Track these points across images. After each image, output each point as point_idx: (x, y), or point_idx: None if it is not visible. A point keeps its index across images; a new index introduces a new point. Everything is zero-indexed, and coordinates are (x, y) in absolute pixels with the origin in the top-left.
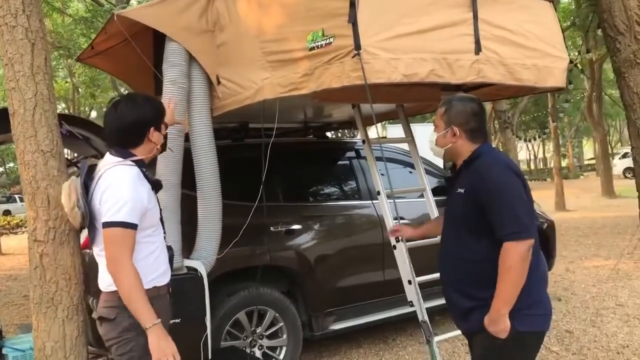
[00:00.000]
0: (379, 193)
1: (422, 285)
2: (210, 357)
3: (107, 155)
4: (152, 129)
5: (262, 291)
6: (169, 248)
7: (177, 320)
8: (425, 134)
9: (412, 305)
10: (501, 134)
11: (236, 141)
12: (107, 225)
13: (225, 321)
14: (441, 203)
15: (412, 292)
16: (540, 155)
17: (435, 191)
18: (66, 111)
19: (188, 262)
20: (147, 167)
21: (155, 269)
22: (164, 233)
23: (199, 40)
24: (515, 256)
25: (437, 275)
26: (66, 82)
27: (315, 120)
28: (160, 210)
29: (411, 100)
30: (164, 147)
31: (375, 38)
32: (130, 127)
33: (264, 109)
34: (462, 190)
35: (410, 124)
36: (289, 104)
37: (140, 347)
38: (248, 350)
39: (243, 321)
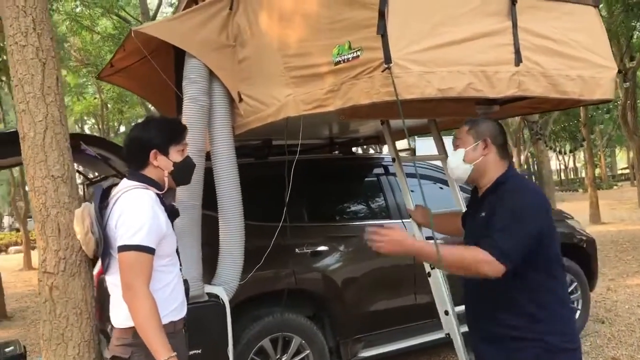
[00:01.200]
0: (410, 214)
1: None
2: None
3: (124, 180)
4: (154, 151)
5: (287, 316)
6: (185, 281)
7: (197, 351)
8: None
9: (448, 337)
10: (533, 145)
11: (259, 159)
12: (122, 249)
13: (249, 349)
14: None
15: (449, 324)
16: (571, 164)
17: None
18: (96, 127)
19: (209, 289)
20: (165, 195)
21: (171, 302)
22: (180, 264)
23: (219, 55)
24: (478, 260)
25: None
26: (95, 98)
27: (341, 136)
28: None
29: (444, 114)
30: (182, 179)
31: (406, 50)
32: (132, 145)
33: (287, 126)
34: (485, 214)
35: (444, 137)
36: (313, 119)
37: None
38: None
39: (268, 349)
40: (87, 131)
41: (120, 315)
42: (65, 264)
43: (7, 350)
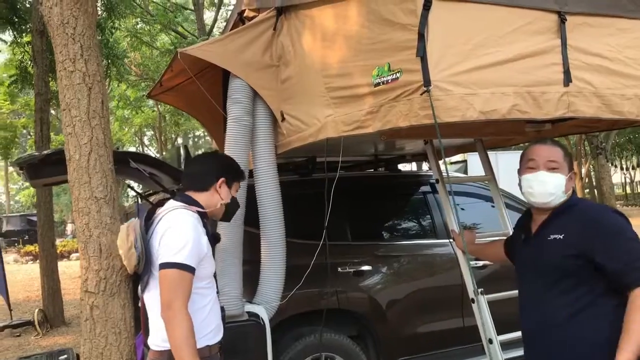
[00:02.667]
0: (454, 239)
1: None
2: None
3: (170, 201)
4: (222, 179)
5: (329, 336)
6: (222, 308)
7: None
8: (510, 162)
9: None
10: (593, 160)
11: (303, 176)
12: (163, 266)
13: None
14: None
15: (494, 353)
16: (638, 177)
17: None
18: (154, 138)
19: (249, 307)
20: (208, 221)
21: (207, 326)
22: (217, 290)
23: (263, 75)
24: None
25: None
26: (153, 111)
27: (387, 153)
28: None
29: (491, 134)
30: (229, 215)
31: (447, 72)
32: (203, 168)
33: (330, 143)
34: (561, 236)
35: (494, 151)
36: (357, 137)
37: None
38: None
39: None
40: (146, 142)
41: (156, 337)
42: (106, 283)
43: (60, 358)
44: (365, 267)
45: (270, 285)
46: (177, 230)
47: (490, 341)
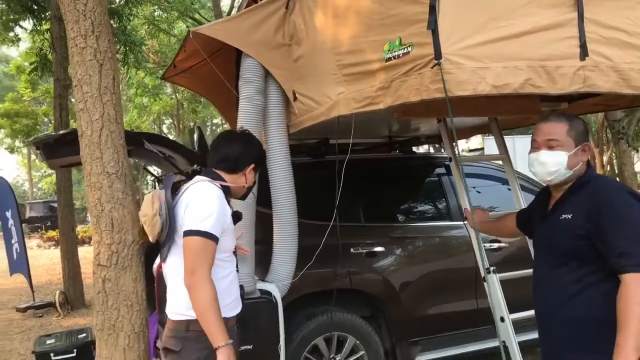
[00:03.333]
0: (466, 218)
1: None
2: None
3: (196, 177)
4: (253, 165)
5: (342, 316)
6: (242, 287)
7: (248, 347)
8: (528, 146)
9: (505, 347)
10: (614, 146)
11: (316, 158)
12: (188, 233)
13: (303, 347)
14: None
15: (505, 331)
16: None
17: None
18: (173, 126)
19: (261, 285)
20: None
21: (225, 298)
22: (237, 266)
23: (275, 54)
24: None
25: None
26: (171, 98)
27: (401, 135)
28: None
29: (506, 113)
30: (245, 196)
31: (458, 45)
32: (237, 153)
33: (341, 124)
34: (570, 216)
35: (511, 136)
36: (370, 117)
37: None
38: None
39: (321, 347)
40: (165, 130)
41: (175, 306)
42: (118, 257)
43: (79, 336)
44: (378, 249)
45: (282, 265)
46: (203, 200)
47: (502, 319)
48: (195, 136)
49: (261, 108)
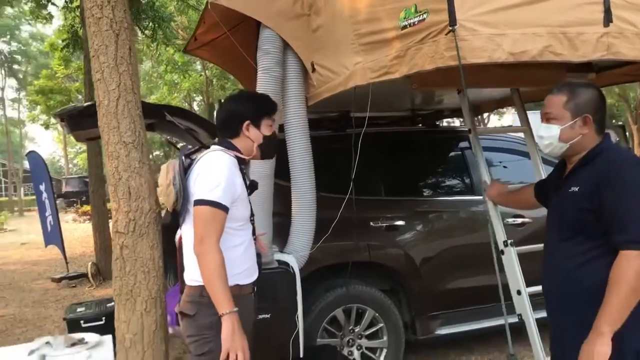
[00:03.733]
0: (484, 189)
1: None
2: (302, 355)
3: (212, 146)
4: (247, 122)
5: (361, 289)
6: (259, 255)
7: (266, 316)
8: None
9: (520, 319)
10: None
11: (337, 131)
12: (198, 202)
13: (322, 318)
14: None
15: (521, 304)
16: None
17: None
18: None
19: (279, 256)
20: (247, 167)
21: (238, 266)
22: (254, 235)
23: (294, 25)
24: (635, 267)
25: None
26: (200, 75)
27: (425, 108)
28: (252, 212)
29: (529, 84)
30: (268, 153)
31: (474, 11)
32: (227, 116)
33: (361, 96)
34: (577, 189)
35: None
36: (392, 90)
37: (220, 348)
38: (345, 350)
39: (340, 319)
40: (195, 107)
41: (190, 273)
42: (135, 224)
43: (108, 305)
44: (399, 222)
45: (301, 236)
46: (212, 170)
47: (519, 292)
48: (216, 109)
49: (279, 80)
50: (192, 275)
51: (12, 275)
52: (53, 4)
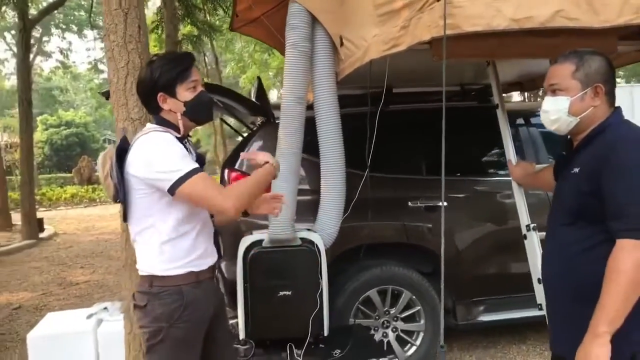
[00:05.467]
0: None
1: None
2: (326, 334)
3: (147, 124)
4: (161, 94)
5: (396, 270)
6: (216, 232)
7: (287, 292)
8: None
9: (541, 309)
10: None
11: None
12: (174, 188)
13: (355, 298)
14: None
15: (541, 294)
16: None
17: None
18: None
19: (305, 234)
20: (189, 141)
21: (191, 252)
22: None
23: None
24: (633, 259)
25: None
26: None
27: (476, 83)
28: None
29: None
30: (199, 116)
31: None
32: (140, 91)
33: (401, 72)
34: (578, 170)
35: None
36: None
37: (172, 340)
38: (380, 332)
39: (375, 300)
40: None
41: (140, 263)
42: None
43: None
44: (438, 203)
45: (329, 215)
46: (158, 152)
47: (539, 281)
48: (254, 87)
49: (308, 55)
50: (141, 266)
51: (104, 245)
52: None
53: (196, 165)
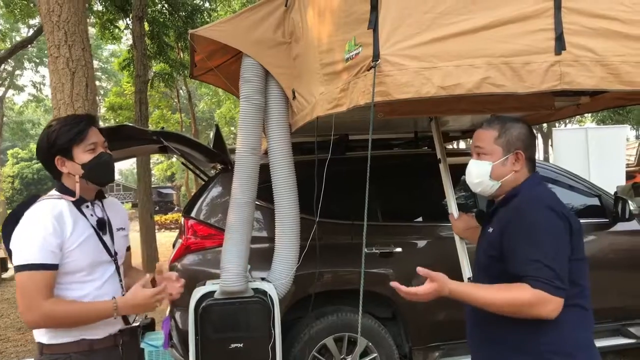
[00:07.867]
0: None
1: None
2: None
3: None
4: (58, 158)
5: (352, 317)
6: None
7: (239, 345)
8: (565, 139)
9: None
10: None
11: (335, 155)
12: (15, 269)
13: (311, 346)
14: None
15: None
16: None
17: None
18: None
19: (257, 285)
20: (92, 202)
21: None
22: (120, 277)
23: (275, 53)
24: (527, 298)
25: None
26: None
27: (428, 130)
28: (113, 252)
29: (513, 109)
30: (98, 178)
31: (400, 45)
32: (39, 156)
33: (361, 122)
34: (491, 230)
35: (584, 127)
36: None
37: None
38: None
39: (331, 348)
40: None
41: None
42: None
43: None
44: (395, 249)
45: (282, 264)
46: (22, 229)
47: None
48: (212, 134)
49: (261, 107)
50: (34, 332)
51: None
52: (115, 26)
53: (42, 260)
